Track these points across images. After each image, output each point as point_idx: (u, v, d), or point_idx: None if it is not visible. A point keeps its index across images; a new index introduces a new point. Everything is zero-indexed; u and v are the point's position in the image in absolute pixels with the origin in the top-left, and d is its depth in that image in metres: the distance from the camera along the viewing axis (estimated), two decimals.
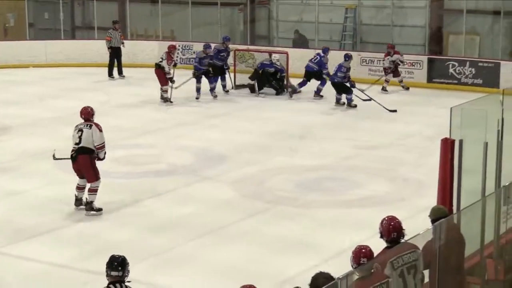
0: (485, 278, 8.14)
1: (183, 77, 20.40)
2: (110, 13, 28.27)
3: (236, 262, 10.19)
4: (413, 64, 22.48)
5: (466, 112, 9.09)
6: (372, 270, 6.51)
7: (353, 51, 23.98)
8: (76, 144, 11.94)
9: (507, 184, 8.54)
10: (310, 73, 20.79)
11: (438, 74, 22.17)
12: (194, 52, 21.71)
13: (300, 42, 25.00)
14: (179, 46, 24.79)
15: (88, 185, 12.09)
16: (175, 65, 19.94)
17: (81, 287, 9.61)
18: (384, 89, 21.36)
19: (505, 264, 8.26)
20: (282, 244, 10.80)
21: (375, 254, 6.77)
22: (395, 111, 18.84)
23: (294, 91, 20.95)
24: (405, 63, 21.92)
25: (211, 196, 12.88)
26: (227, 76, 21.23)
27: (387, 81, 21.55)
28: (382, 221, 7.25)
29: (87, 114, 12.24)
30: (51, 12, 28.59)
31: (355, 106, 19.39)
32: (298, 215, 12.05)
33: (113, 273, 6.98)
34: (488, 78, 21.27)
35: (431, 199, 9.33)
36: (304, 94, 20.89)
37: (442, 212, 7.67)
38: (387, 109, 18.80)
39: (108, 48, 23.51)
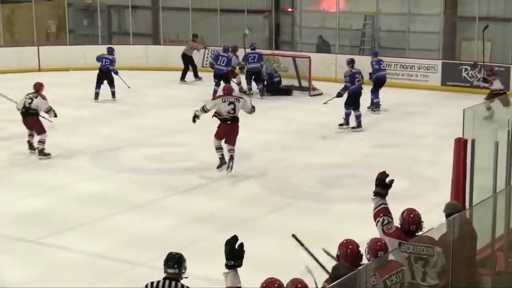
0: (496, 270, 8.09)
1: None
2: (144, 20, 28.44)
3: (262, 253, 10.16)
4: (428, 68, 22.38)
5: (478, 113, 9.05)
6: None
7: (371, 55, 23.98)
8: (231, 113, 13.58)
9: None
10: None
11: (451, 78, 22.05)
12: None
13: (323, 47, 24.92)
14: (208, 50, 24.87)
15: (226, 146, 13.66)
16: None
17: (118, 276, 9.65)
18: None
19: None
20: (305, 237, 10.73)
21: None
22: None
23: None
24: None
25: (239, 191, 12.89)
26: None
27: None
28: (402, 213, 7.24)
29: (229, 89, 14.04)
30: (89, 19, 28.76)
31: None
32: (320, 209, 12.03)
33: (170, 271, 6.78)
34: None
35: (445, 195, 9.29)
36: (323, 97, 20.90)
37: (456, 207, 7.63)
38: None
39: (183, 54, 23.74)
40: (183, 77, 23.28)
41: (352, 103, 17.28)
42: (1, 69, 24.53)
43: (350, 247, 6.72)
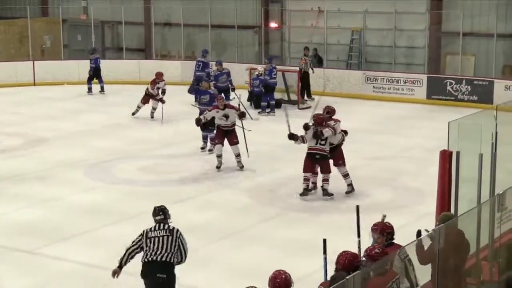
0: (480, 279, 8.11)
1: None
2: (137, 36, 28.46)
3: (251, 263, 10.20)
4: (414, 82, 22.46)
5: (462, 126, 9.07)
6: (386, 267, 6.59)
7: (358, 70, 24.09)
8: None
9: (500, 192, 8.51)
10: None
11: (436, 91, 22.15)
12: (213, 71, 21.74)
13: (316, 61, 24.89)
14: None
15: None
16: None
17: (112, 286, 9.61)
18: None
19: (499, 266, 8.22)
20: (292, 247, 10.80)
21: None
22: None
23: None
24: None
25: (229, 203, 12.89)
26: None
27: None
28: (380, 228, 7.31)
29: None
30: (83, 34, 28.76)
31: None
32: (308, 220, 12.04)
33: (157, 218, 8.41)
34: (482, 95, 21.23)
35: (431, 206, 9.32)
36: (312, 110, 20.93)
37: (450, 218, 7.64)
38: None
39: (300, 70, 22.31)
40: (302, 96, 22.21)
41: (270, 92, 20.45)
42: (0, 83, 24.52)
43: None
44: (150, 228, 8.31)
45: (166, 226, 8.29)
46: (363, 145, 16.92)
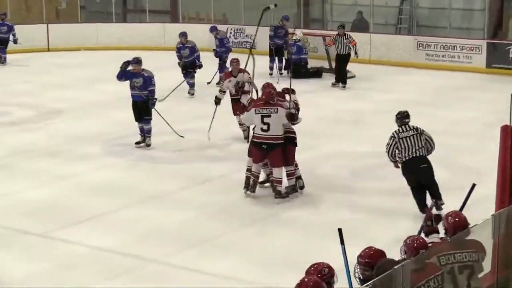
0: None
1: None
2: None
3: (289, 250, 10.10)
4: (472, 49, 22.18)
5: None
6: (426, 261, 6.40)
7: (409, 35, 23.84)
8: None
9: None
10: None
11: (497, 59, 21.85)
12: (246, 36, 21.64)
13: (361, 25, 24.64)
14: (231, 29, 24.77)
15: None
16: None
17: (130, 273, 9.61)
18: None
19: None
20: (333, 230, 10.64)
21: None
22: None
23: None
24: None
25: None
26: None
27: None
28: (447, 218, 7.08)
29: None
30: None
31: None
32: (353, 202, 11.89)
33: (405, 120, 11.21)
34: None
35: (490, 187, 9.18)
36: (356, 80, 20.82)
37: None
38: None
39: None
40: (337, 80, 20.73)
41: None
42: (8, 49, 24.58)
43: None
44: (397, 130, 11.08)
45: (412, 126, 11.16)
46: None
